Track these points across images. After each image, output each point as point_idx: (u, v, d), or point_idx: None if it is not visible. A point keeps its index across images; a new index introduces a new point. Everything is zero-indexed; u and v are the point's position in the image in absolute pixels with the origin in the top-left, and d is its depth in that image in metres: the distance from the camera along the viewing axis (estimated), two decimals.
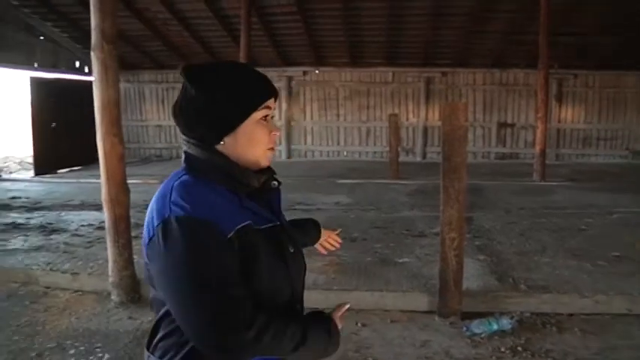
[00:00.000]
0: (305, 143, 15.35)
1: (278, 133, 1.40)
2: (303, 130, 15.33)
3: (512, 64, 13.83)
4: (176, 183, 1.28)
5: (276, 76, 14.94)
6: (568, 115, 14.37)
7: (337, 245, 1.97)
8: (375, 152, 14.94)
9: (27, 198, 8.85)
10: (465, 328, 3.90)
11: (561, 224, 6.73)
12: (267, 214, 1.35)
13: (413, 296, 4.40)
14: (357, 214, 7.57)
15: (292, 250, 1.38)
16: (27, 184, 10.84)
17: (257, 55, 13.83)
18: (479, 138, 14.60)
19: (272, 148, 1.38)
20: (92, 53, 4.31)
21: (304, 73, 14.97)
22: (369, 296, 4.46)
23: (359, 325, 4.11)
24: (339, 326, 1.43)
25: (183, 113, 1.33)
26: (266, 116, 1.34)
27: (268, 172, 1.41)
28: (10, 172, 13.30)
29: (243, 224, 1.24)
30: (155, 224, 1.22)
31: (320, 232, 1.93)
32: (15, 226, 6.83)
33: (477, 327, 3.86)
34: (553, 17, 9.86)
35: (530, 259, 5.26)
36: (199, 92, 1.30)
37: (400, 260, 5.28)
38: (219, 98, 1.29)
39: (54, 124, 12.12)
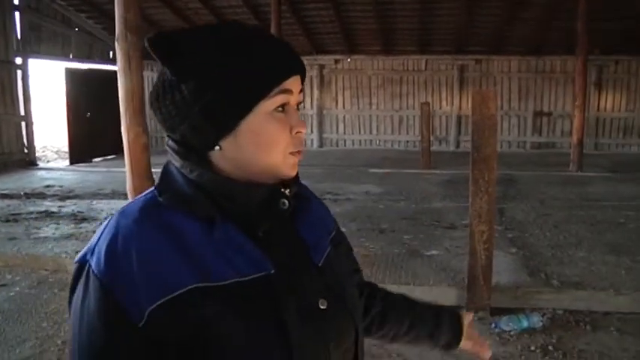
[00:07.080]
0: (337, 132, 15.31)
1: (303, 131, 0.88)
2: (335, 119, 15.27)
3: (549, 50, 13.38)
4: (123, 209, 0.86)
5: (307, 64, 14.83)
6: (608, 103, 13.89)
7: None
8: (407, 141, 14.77)
9: (60, 187, 8.99)
10: (493, 325, 3.76)
11: (599, 217, 6.48)
12: (260, 258, 0.83)
13: (440, 290, 4.27)
14: (387, 204, 7.45)
15: (323, 307, 0.88)
16: (62, 172, 11.04)
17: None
18: (514, 127, 14.27)
19: (296, 152, 0.88)
20: (116, 43, 4.34)
21: (336, 61, 14.89)
22: (396, 289, 4.23)
23: None
24: None
25: (161, 105, 0.86)
26: (284, 105, 0.85)
27: (292, 186, 0.92)
28: (48, 161, 13.60)
29: (171, 296, 0.76)
30: (77, 257, 0.83)
31: (460, 326, 1.24)
32: (47, 215, 6.94)
33: (506, 324, 3.71)
34: (594, 1, 9.47)
35: (564, 254, 5.06)
36: (178, 75, 0.83)
37: (429, 253, 5.16)
38: (207, 82, 0.81)
39: (88, 114, 12.29)
